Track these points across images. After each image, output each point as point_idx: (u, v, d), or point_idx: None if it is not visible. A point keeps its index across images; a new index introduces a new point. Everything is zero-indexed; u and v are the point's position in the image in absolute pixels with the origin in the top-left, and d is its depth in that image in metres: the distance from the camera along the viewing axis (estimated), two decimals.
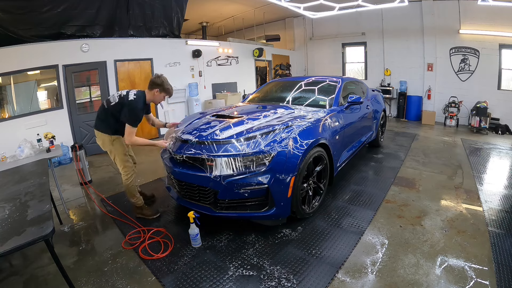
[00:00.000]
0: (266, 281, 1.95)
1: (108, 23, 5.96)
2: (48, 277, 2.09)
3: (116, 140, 2.78)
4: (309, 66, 10.90)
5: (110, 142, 2.77)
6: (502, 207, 3.00)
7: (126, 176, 2.83)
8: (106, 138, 2.76)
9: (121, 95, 2.72)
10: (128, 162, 2.87)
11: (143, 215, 2.92)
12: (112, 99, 2.73)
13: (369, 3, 6.42)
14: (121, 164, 2.82)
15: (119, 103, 2.67)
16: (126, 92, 2.75)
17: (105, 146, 2.82)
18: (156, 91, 2.75)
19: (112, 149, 2.80)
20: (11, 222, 1.57)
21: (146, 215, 2.92)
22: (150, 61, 6.48)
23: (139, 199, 2.92)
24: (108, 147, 2.81)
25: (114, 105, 2.68)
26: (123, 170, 2.83)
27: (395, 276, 1.98)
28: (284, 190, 2.35)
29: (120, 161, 2.82)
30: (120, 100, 2.68)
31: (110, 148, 2.81)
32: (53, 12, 5.19)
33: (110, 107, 2.70)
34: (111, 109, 2.69)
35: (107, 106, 2.72)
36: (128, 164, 2.85)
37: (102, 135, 2.77)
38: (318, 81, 3.99)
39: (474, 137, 6.38)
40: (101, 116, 2.77)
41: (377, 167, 4.24)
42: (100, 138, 2.80)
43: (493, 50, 6.98)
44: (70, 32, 5.50)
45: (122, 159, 2.82)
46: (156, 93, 2.76)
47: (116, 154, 2.81)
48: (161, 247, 2.39)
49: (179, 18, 7.14)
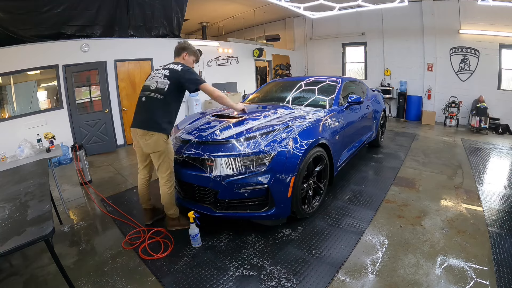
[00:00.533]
0: (266, 281, 1.95)
1: (108, 23, 5.96)
2: (48, 277, 2.09)
3: (169, 139, 2.46)
4: (309, 66, 10.90)
5: (165, 141, 2.38)
6: (502, 207, 3.00)
7: (170, 183, 2.48)
8: (161, 137, 2.35)
9: (167, 75, 2.37)
10: (173, 167, 2.52)
11: (181, 226, 2.59)
12: (160, 84, 2.35)
13: (369, 3, 6.42)
14: (168, 168, 2.45)
15: (173, 82, 2.34)
16: (168, 71, 2.40)
17: (158, 146, 2.37)
18: (185, 55, 2.55)
19: (165, 149, 2.40)
20: (11, 222, 1.57)
21: (183, 226, 2.58)
22: (150, 61, 6.47)
23: (177, 209, 2.62)
24: (162, 146, 2.37)
25: (168, 88, 2.33)
26: (168, 175, 2.46)
27: (395, 276, 1.98)
28: (284, 190, 2.35)
29: (168, 164, 2.45)
30: (172, 77, 2.36)
31: (163, 149, 2.39)
32: (53, 12, 5.18)
33: (165, 93, 2.33)
34: (166, 95, 2.33)
35: (161, 95, 2.34)
36: (173, 169, 2.51)
37: (157, 135, 2.33)
38: (318, 81, 3.99)
39: (474, 137, 6.38)
40: (152, 111, 2.35)
41: (377, 167, 4.24)
42: (153, 136, 2.34)
43: (493, 50, 6.98)
44: (70, 32, 5.50)
45: (171, 161, 2.46)
46: (185, 57, 2.56)
47: (167, 155, 2.42)
48: (161, 247, 2.39)
49: (179, 18, 7.14)
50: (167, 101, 2.37)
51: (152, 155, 2.45)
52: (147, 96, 2.41)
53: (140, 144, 2.48)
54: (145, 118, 2.39)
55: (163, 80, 2.37)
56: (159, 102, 2.35)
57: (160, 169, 2.46)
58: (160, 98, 2.35)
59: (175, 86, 2.39)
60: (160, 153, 2.40)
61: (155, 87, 2.39)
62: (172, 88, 2.37)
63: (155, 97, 2.36)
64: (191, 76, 2.40)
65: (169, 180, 2.48)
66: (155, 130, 2.33)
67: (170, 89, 2.36)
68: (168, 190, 2.49)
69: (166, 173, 2.46)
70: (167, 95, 2.36)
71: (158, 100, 2.35)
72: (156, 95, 2.36)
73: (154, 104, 2.36)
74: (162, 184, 2.49)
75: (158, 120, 2.35)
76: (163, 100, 2.36)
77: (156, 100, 2.36)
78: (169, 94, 2.36)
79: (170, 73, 2.40)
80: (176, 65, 2.46)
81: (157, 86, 2.38)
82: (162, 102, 2.36)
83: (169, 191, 2.49)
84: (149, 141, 2.36)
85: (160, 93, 2.36)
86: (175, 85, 2.38)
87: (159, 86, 2.37)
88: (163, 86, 2.36)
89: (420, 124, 7.89)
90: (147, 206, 2.78)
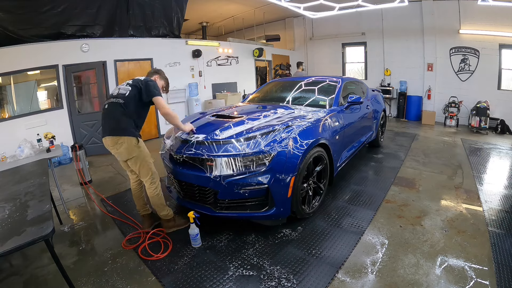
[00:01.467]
0: (266, 281, 1.95)
1: (108, 23, 5.96)
2: (48, 277, 2.09)
3: (141, 142, 2.43)
4: (309, 66, 10.90)
5: (136, 145, 2.37)
6: (502, 207, 3.00)
7: (154, 185, 2.47)
8: (131, 141, 2.34)
9: (129, 83, 2.44)
10: (154, 168, 2.51)
11: (177, 227, 2.59)
12: (122, 90, 2.39)
13: (369, 3, 6.42)
14: (149, 171, 2.45)
15: (134, 87, 2.39)
16: (131, 80, 2.49)
17: (131, 152, 2.36)
18: (157, 77, 2.63)
19: (139, 153, 2.39)
20: (11, 222, 1.57)
21: (180, 226, 2.59)
22: (150, 61, 6.48)
23: (170, 210, 2.59)
24: (135, 151, 2.37)
25: (129, 93, 2.36)
26: (151, 178, 2.46)
27: (395, 276, 1.98)
28: (284, 190, 2.35)
29: (147, 167, 2.44)
30: (134, 84, 2.41)
31: (137, 153, 2.38)
32: (53, 12, 5.19)
33: (127, 98, 2.34)
34: (128, 99, 2.34)
35: (122, 100, 2.34)
36: (155, 170, 2.50)
37: (126, 139, 2.33)
38: (318, 81, 3.99)
39: (474, 137, 6.38)
40: (116, 115, 2.34)
41: (377, 167, 4.24)
42: (123, 144, 2.33)
43: (493, 50, 6.98)
44: (70, 32, 5.50)
45: (149, 163, 2.46)
46: (156, 79, 2.62)
47: (143, 158, 2.41)
48: (161, 247, 2.39)
49: (179, 18, 7.14)
50: (129, 104, 2.36)
51: (128, 162, 2.44)
52: (109, 103, 2.41)
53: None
54: (110, 124, 2.37)
55: (125, 87, 2.43)
56: (121, 106, 2.34)
57: (141, 174, 2.47)
58: (121, 102, 2.35)
59: (137, 91, 2.40)
60: (135, 158, 2.40)
61: (117, 93, 2.42)
62: (134, 93, 2.38)
63: (116, 102, 2.36)
64: (149, 86, 2.40)
65: (153, 182, 2.48)
66: (122, 135, 2.32)
67: (131, 94, 2.37)
68: (154, 191, 2.48)
69: (147, 176, 2.46)
70: (128, 99, 2.36)
71: (120, 105, 2.34)
72: (118, 100, 2.36)
73: (117, 109, 2.35)
74: (147, 187, 2.50)
75: (123, 125, 2.33)
76: (124, 105, 2.35)
77: (118, 105, 2.35)
78: (130, 98, 2.36)
79: (133, 81, 2.46)
80: (140, 78, 2.51)
81: (119, 92, 2.42)
82: (124, 106, 2.34)
83: (155, 193, 2.48)
84: (120, 149, 2.36)
85: (121, 97, 2.37)
86: (136, 90, 2.40)
87: (121, 92, 2.40)
88: (124, 92, 2.39)
89: (420, 124, 7.89)
90: (145, 211, 2.70)
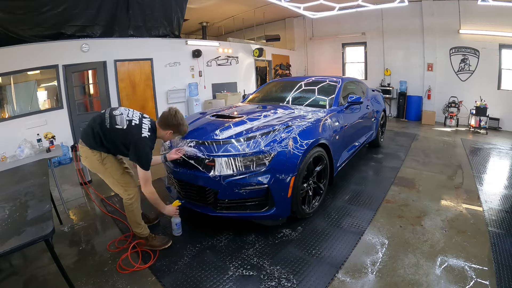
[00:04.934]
0: (266, 281, 1.95)
1: (108, 23, 5.96)
2: (48, 277, 2.09)
3: (107, 159, 2.18)
4: (309, 66, 10.90)
5: (99, 161, 2.14)
6: (502, 207, 3.00)
7: (128, 196, 2.23)
8: (94, 156, 2.13)
9: (132, 122, 2.12)
10: (129, 180, 2.28)
11: (151, 247, 2.32)
12: (119, 121, 2.11)
13: (369, 3, 6.42)
14: (120, 188, 2.24)
15: (127, 132, 2.08)
16: (138, 119, 2.16)
17: (93, 167, 2.18)
18: (170, 132, 2.26)
19: (103, 170, 2.18)
20: (11, 222, 1.57)
21: (155, 247, 2.33)
22: (150, 61, 6.48)
23: (145, 228, 2.35)
24: (97, 168, 2.17)
25: (120, 131, 2.08)
26: (124, 191, 2.24)
27: (395, 276, 1.98)
28: (284, 190, 2.35)
29: (117, 183, 2.22)
30: (129, 129, 2.09)
31: (101, 170, 2.18)
32: (53, 12, 5.18)
33: (114, 131, 2.08)
34: (114, 134, 2.09)
35: (109, 126, 2.09)
36: (129, 183, 2.27)
37: (89, 152, 2.12)
38: (318, 81, 3.99)
39: (474, 137, 6.38)
40: (94, 132, 2.10)
41: (377, 167, 4.24)
42: (86, 155, 2.15)
43: (493, 50, 6.98)
44: (70, 32, 5.50)
45: (120, 180, 2.22)
46: (168, 134, 2.26)
47: (110, 175, 2.21)
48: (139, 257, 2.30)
49: (179, 18, 7.14)
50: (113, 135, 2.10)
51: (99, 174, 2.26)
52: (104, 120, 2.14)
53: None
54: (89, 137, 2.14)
55: (124, 120, 2.12)
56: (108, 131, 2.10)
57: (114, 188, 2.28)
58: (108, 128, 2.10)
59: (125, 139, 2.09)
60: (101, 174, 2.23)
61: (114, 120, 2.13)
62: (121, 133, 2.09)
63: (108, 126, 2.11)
64: (138, 150, 2.07)
65: (128, 197, 2.24)
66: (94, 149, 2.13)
67: (120, 132, 2.09)
68: (129, 207, 2.25)
69: (121, 190, 2.26)
70: (115, 132, 2.09)
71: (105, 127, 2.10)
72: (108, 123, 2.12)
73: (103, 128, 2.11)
74: (123, 201, 2.29)
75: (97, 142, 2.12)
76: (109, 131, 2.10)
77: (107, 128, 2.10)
78: (117, 134, 2.10)
79: (130, 128, 2.10)
80: (145, 129, 2.12)
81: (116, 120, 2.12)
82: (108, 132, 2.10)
83: (130, 209, 2.25)
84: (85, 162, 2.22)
85: (111, 123, 2.11)
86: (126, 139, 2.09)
87: (117, 122, 2.11)
88: (120, 125, 2.10)
89: (420, 124, 7.89)
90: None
